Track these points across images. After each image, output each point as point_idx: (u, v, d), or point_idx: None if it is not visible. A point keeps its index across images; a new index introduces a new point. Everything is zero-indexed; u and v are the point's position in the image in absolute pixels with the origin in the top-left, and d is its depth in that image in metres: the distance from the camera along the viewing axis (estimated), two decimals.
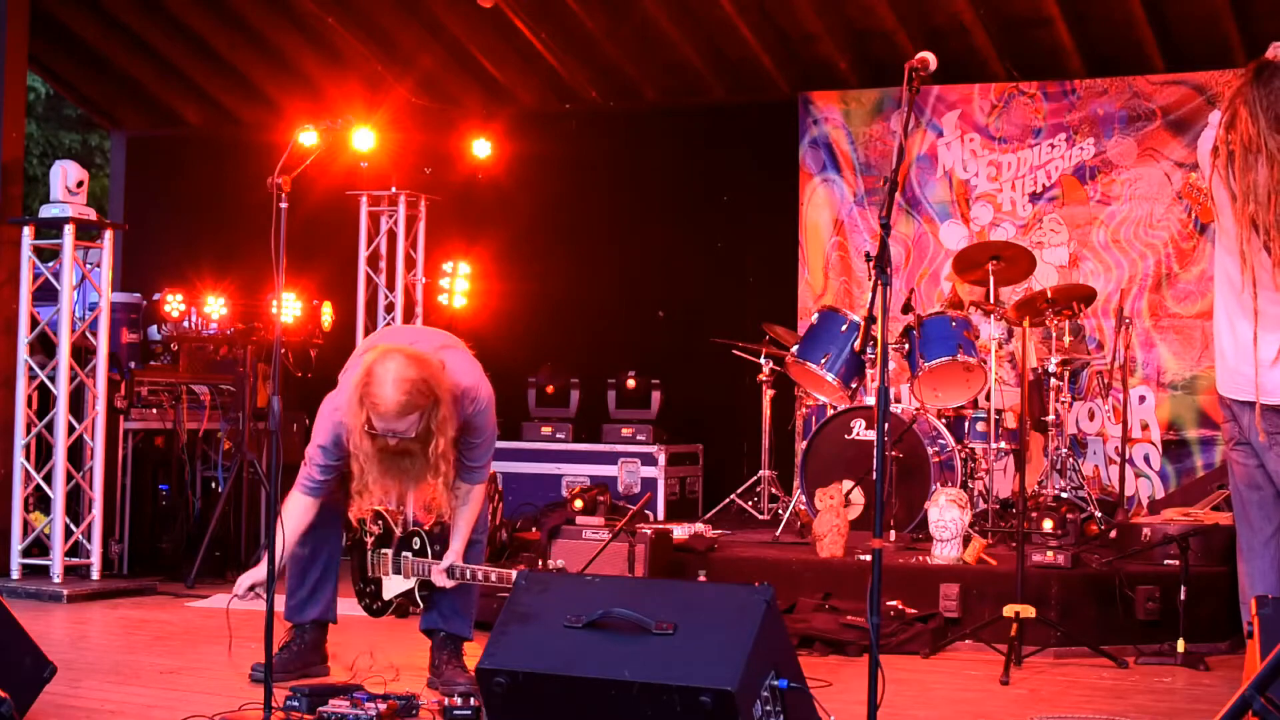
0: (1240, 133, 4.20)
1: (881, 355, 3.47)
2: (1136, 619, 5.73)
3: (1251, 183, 4.17)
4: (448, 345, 4.87)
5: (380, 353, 4.48)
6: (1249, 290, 4.21)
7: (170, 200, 10.73)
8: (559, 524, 6.52)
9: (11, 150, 7.25)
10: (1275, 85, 4.19)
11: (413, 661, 5.11)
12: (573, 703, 3.47)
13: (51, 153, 17.74)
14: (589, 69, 9.62)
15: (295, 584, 5.03)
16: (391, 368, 4.39)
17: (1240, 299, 4.27)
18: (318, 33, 9.49)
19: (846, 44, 8.95)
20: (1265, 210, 4.14)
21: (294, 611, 5.03)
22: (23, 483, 7.04)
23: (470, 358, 4.86)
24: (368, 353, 4.59)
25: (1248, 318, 4.23)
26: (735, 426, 9.03)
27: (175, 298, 7.86)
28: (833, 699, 4.30)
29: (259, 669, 4.67)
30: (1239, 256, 4.23)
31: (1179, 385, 8.38)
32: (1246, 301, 4.23)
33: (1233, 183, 4.22)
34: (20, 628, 4.07)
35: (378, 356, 4.45)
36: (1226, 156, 4.23)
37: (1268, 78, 4.21)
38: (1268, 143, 4.15)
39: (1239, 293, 4.27)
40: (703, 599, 3.61)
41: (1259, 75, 4.23)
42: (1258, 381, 4.23)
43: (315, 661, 5.01)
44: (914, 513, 6.80)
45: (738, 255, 9.53)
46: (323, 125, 5.05)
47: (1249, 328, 4.23)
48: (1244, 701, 2.63)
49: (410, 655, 5.19)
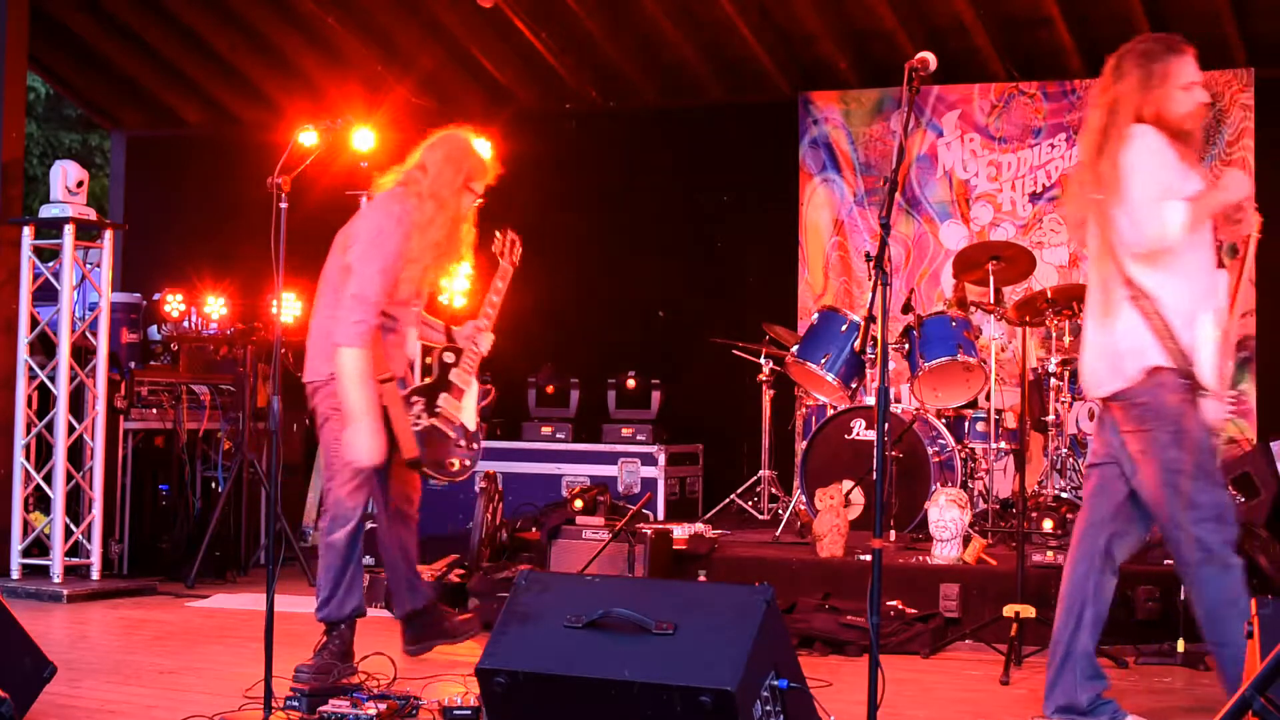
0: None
1: (881, 355, 3.48)
2: (1136, 619, 5.73)
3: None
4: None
5: (450, 132, 5.07)
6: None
7: (170, 200, 10.73)
8: (559, 524, 6.52)
9: (11, 150, 7.25)
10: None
11: (414, 661, 5.10)
12: (573, 703, 3.47)
13: (51, 153, 17.75)
14: (589, 69, 9.62)
15: (337, 577, 4.78)
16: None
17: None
18: (318, 33, 9.49)
19: (846, 44, 8.95)
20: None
21: (336, 608, 4.78)
22: (23, 483, 7.04)
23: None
24: (431, 149, 5.01)
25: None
26: (735, 426, 9.03)
27: (175, 298, 7.86)
28: (833, 699, 4.30)
29: (302, 672, 4.59)
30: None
31: None
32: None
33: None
34: (20, 628, 4.07)
35: (451, 134, 5.08)
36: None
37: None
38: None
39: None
40: (703, 599, 3.61)
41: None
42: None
43: (349, 673, 4.76)
44: (914, 513, 6.80)
45: (738, 255, 9.54)
46: (323, 125, 5.05)
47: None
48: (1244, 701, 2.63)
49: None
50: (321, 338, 4.83)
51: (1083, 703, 4.18)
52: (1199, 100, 4.17)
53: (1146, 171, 4.03)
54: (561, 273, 9.69)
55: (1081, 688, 4.17)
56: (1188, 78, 4.17)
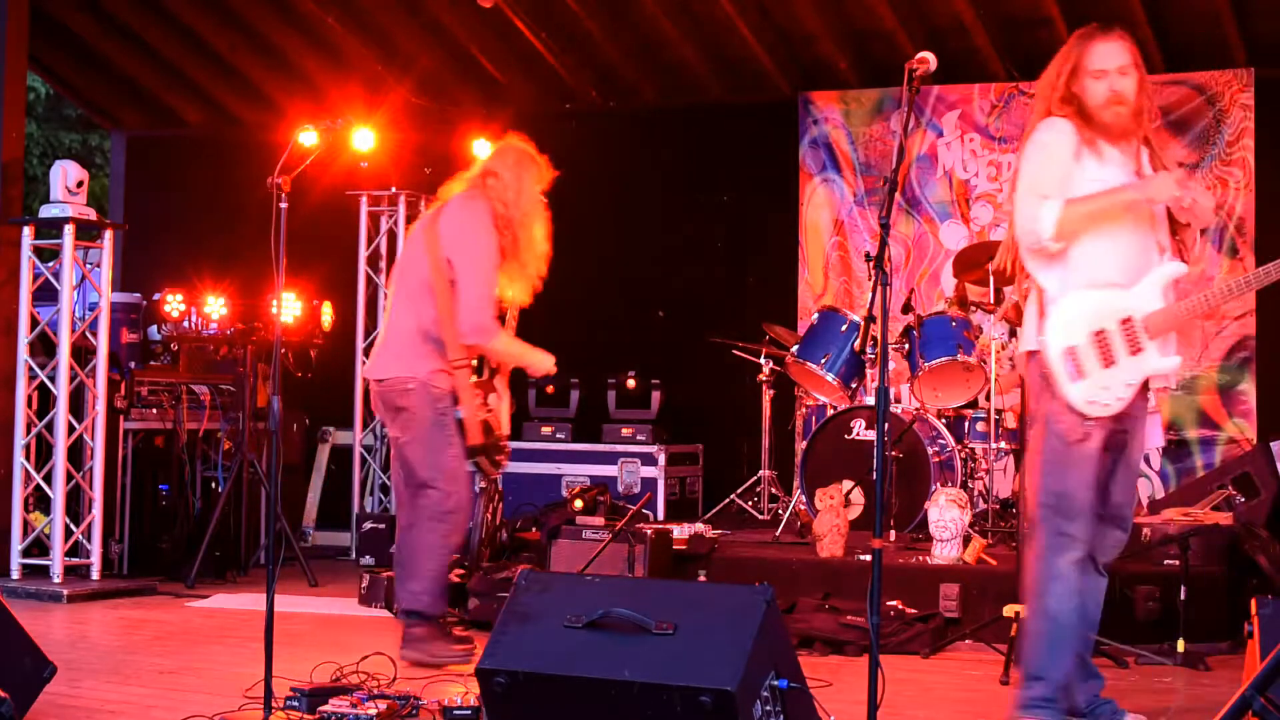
0: None
1: (881, 355, 3.48)
2: (1136, 619, 5.73)
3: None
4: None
5: (511, 141, 5.48)
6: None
7: (170, 200, 10.73)
8: (559, 524, 6.52)
9: (11, 150, 7.26)
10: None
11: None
12: (573, 703, 3.47)
13: (51, 153, 17.75)
14: (589, 69, 9.62)
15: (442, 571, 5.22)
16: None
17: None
18: (318, 33, 9.49)
19: (846, 44, 8.95)
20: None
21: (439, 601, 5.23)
22: (23, 483, 7.04)
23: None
24: (500, 157, 5.42)
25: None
26: (735, 426, 9.02)
27: (175, 298, 7.86)
28: (833, 699, 4.30)
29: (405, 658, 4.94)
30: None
31: (1179, 385, 8.38)
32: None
33: None
34: (20, 628, 4.07)
35: (513, 142, 5.48)
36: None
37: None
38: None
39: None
40: (703, 599, 3.61)
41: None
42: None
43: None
44: (914, 513, 6.80)
45: (738, 255, 9.53)
46: (323, 125, 5.07)
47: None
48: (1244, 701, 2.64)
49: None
50: (408, 336, 5.19)
51: (1080, 703, 4.18)
52: (1113, 88, 4.05)
53: (1028, 168, 4.07)
54: (561, 272, 9.66)
55: (1078, 688, 4.17)
56: (1098, 65, 4.08)
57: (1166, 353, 4.13)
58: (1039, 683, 4.06)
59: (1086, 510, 4.06)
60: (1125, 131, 4.12)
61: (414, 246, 5.31)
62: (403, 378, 5.17)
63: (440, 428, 5.17)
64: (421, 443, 5.18)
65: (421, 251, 5.23)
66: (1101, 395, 4.04)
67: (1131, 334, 4.08)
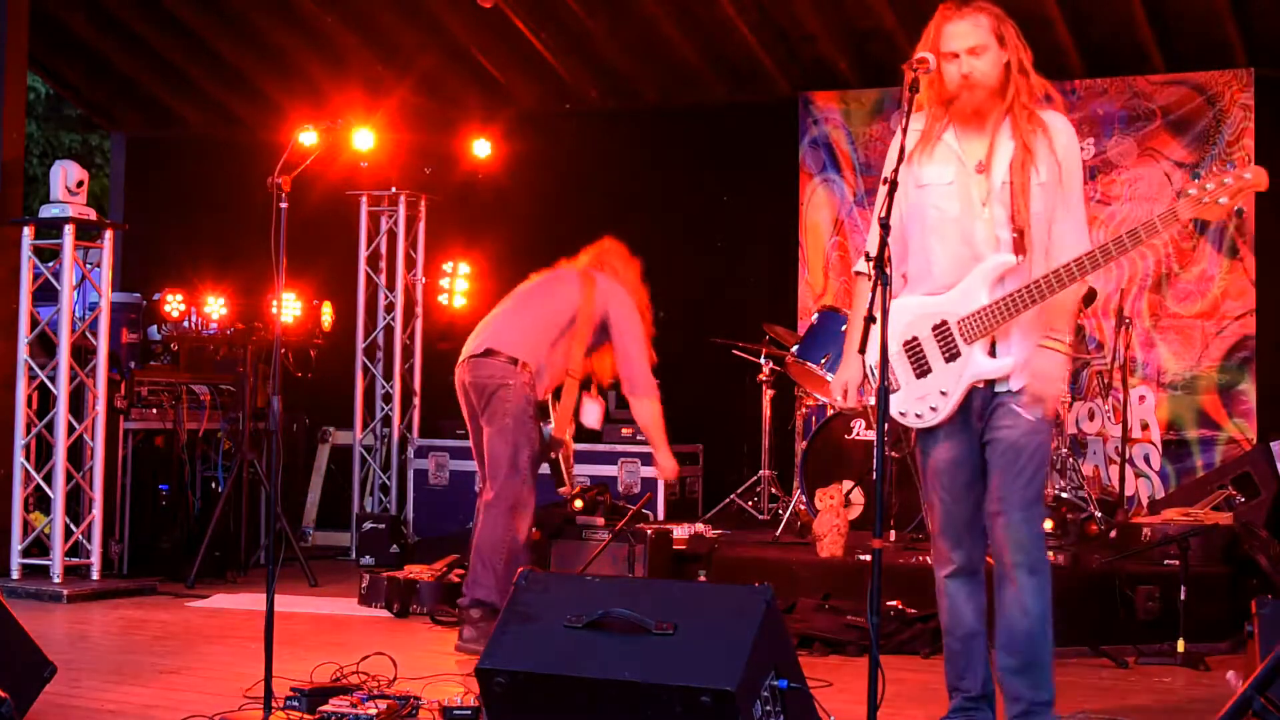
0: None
1: (882, 355, 3.47)
2: (1136, 619, 5.73)
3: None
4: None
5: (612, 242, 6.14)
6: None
7: (170, 200, 10.73)
8: (559, 524, 6.52)
9: (11, 150, 7.25)
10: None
11: (414, 661, 5.10)
12: (573, 703, 3.47)
13: (51, 153, 17.74)
14: (589, 69, 9.62)
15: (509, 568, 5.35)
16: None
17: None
18: (318, 33, 9.49)
19: (846, 44, 8.95)
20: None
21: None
22: (23, 483, 7.04)
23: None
24: (610, 254, 6.11)
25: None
26: (735, 426, 9.02)
27: (175, 298, 7.86)
28: (833, 699, 4.30)
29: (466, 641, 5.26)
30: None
31: (1179, 385, 8.38)
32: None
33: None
34: (20, 628, 4.07)
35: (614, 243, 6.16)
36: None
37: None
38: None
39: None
40: (703, 599, 3.61)
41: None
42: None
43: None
44: (914, 513, 6.80)
45: (738, 255, 9.53)
46: (323, 125, 5.09)
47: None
48: (1244, 701, 2.64)
49: (411, 655, 5.18)
50: (534, 338, 5.69)
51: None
52: (962, 71, 3.86)
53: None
54: None
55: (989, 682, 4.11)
56: (948, 47, 3.88)
57: (1002, 352, 3.85)
58: (956, 693, 4.06)
59: (949, 524, 3.92)
60: (978, 113, 3.95)
61: (567, 284, 5.89)
62: (509, 369, 5.58)
63: (524, 426, 5.57)
64: (505, 435, 5.53)
65: (575, 291, 5.82)
66: (915, 406, 3.89)
67: (947, 339, 3.88)
